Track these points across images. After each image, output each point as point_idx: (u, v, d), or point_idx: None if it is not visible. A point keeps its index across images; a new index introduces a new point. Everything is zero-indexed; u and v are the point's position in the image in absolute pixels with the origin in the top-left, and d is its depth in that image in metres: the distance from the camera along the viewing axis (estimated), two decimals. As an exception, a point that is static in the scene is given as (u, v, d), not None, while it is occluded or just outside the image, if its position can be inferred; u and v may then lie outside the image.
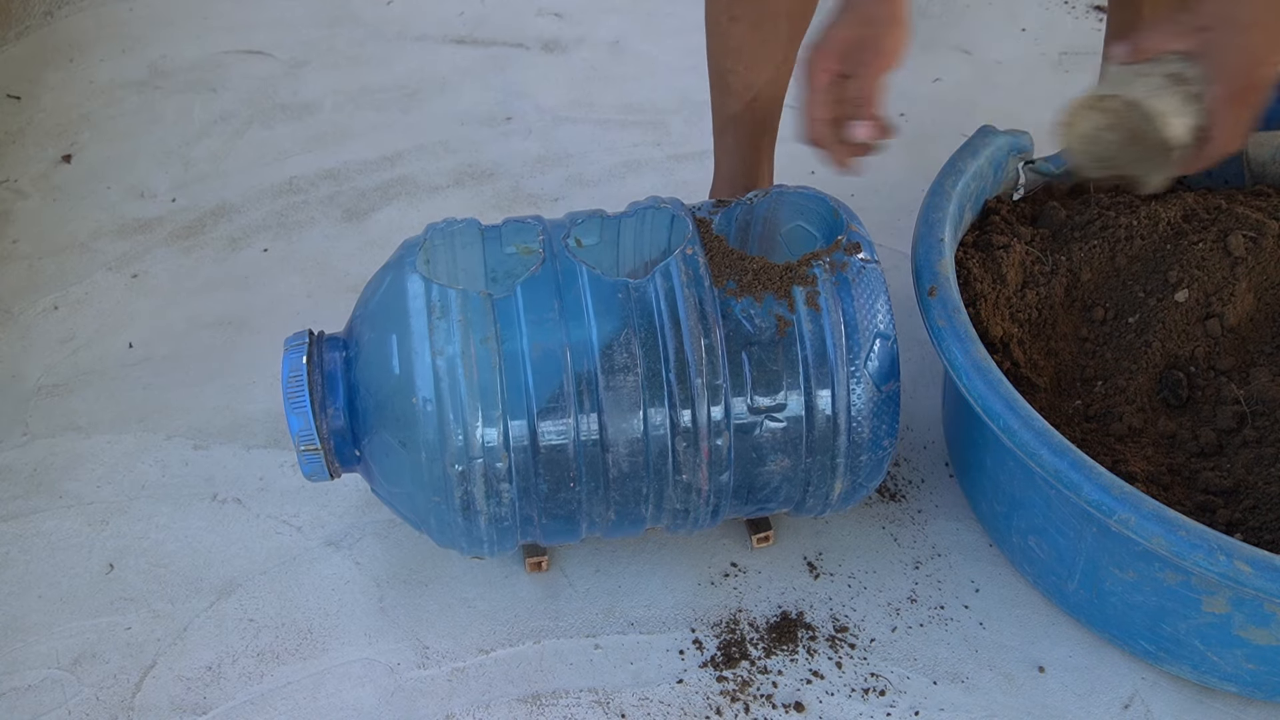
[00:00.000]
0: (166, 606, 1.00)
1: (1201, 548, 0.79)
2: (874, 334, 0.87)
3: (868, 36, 0.82)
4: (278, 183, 1.40)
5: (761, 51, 1.05)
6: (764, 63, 1.06)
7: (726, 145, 1.16)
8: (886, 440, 0.89)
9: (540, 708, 0.93)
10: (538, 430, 0.85)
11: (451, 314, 0.85)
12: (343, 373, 0.89)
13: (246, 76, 1.55)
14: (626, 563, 1.03)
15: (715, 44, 1.09)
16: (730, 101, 1.11)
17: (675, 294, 0.86)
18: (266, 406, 1.15)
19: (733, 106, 1.11)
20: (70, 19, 1.64)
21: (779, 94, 1.11)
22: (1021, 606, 0.99)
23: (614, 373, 0.85)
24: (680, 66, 1.54)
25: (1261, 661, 0.86)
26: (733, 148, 1.15)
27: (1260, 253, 1.00)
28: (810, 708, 0.93)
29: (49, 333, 1.23)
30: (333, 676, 0.96)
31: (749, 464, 0.88)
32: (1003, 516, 0.98)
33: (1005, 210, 1.08)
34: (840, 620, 0.99)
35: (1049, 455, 0.84)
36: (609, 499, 0.88)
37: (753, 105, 1.09)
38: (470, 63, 1.57)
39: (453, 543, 0.91)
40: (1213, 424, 0.96)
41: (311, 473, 0.90)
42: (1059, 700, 0.93)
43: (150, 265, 1.30)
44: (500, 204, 1.37)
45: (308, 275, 1.29)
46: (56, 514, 1.07)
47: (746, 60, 1.06)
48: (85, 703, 0.94)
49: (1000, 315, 1.00)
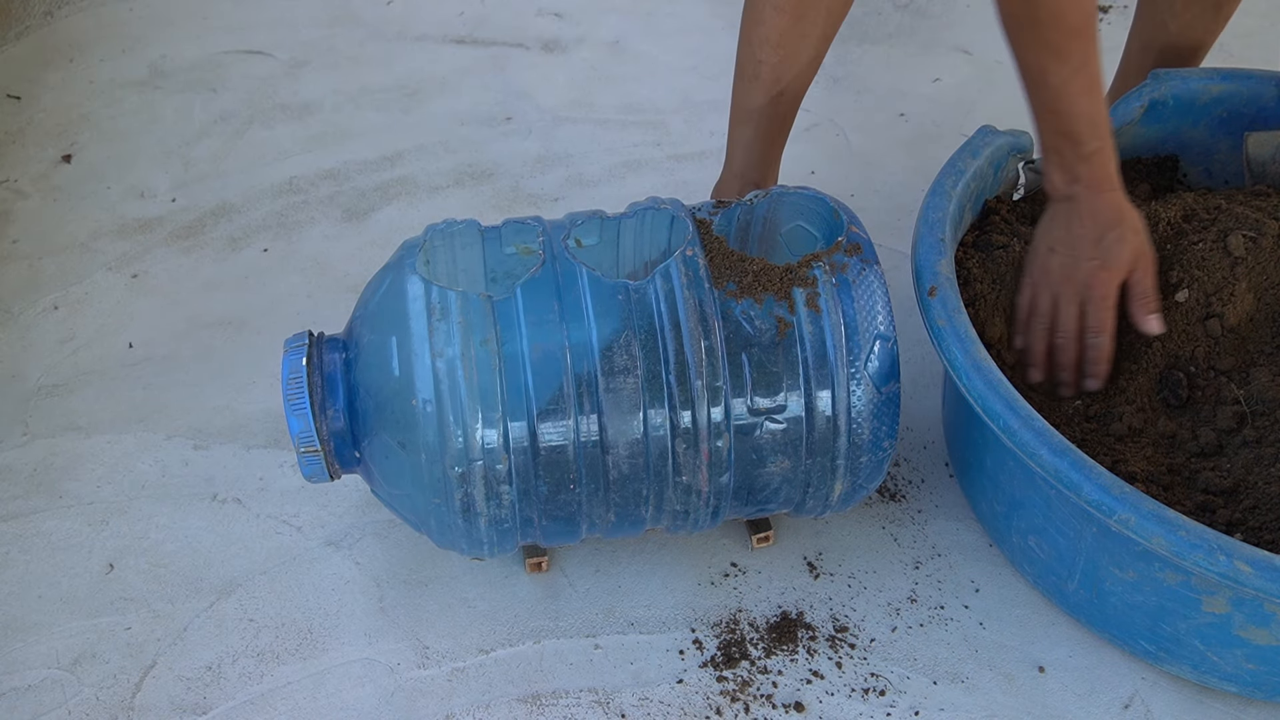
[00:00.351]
0: (166, 606, 1.00)
1: (1201, 548, 0.79)
2: (874, 335, 0.87)
3: (1146, 250, 0.97)
4: (278, 183, 1.40)
5: (799, 45, 1.06)
6: (798, 56, 1.06)
7: (744, 139, 1.15)
8: (886, 441, 0.89)
9: (540, 708, 0.93)
10: (538, 432, 0.85)
11: (451, 315, 0.85)
12: (342, 374, 0.89)
13: (246, 76, 1.55)
14: (626, 563, 1.03)
15: (753, 33, 1.08)
16: (756, 93, 1.10)
17: (675, 295, 0.86)
18: (266, 407, 1.15)
19: (758, 99, 1.10)
20: (70, 19, 1.64)
21: (802, 91, 1.11)
22: (1021, 606, 0.99)
23: (614, 374, 0.85)
24: (680, 66, 1.54)
25: (1261, 661, 0.86)
26: (751, 142, 1.14)
27: (1260, 253, 1.00)
28: (810, 708, 0.93)
29: (49, 333, 1.23)
30: (333, 676, 0.96)
31: (749, 465, 0.88)
32: (1003, 516, 0.98)
33: (1005, 210, 1.08)
34: (840, 620, 0.99)
35: (1049, 455, 0.84)
36: (609, 500, 0.88)
37: (778, 100, 1.09)
38: (470, 63, 1.57)
39: (453, 544, 0.91)
40: (1213, 424, 0.96)
41: (311, 474, 0.90)
42: (1059, 700, 0.93)
43: (150, 265, 1.30)
44: (500, 204, 1.37)
45: (308, 275, 1.29)
46: (56, 514, 1.07)
47: (784, 52, 1.06)
48: (85, 703, 0.94)
49: (1000, 315, 1.00)
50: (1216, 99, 1.14)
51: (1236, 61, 1.48)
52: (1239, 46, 1.54)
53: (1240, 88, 1.13)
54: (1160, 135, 1.15)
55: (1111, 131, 0.94)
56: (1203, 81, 1.13)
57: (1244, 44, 1.54)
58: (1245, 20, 1.59)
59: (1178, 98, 1.13)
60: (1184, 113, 1.14)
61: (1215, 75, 1.14)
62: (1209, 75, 1.14)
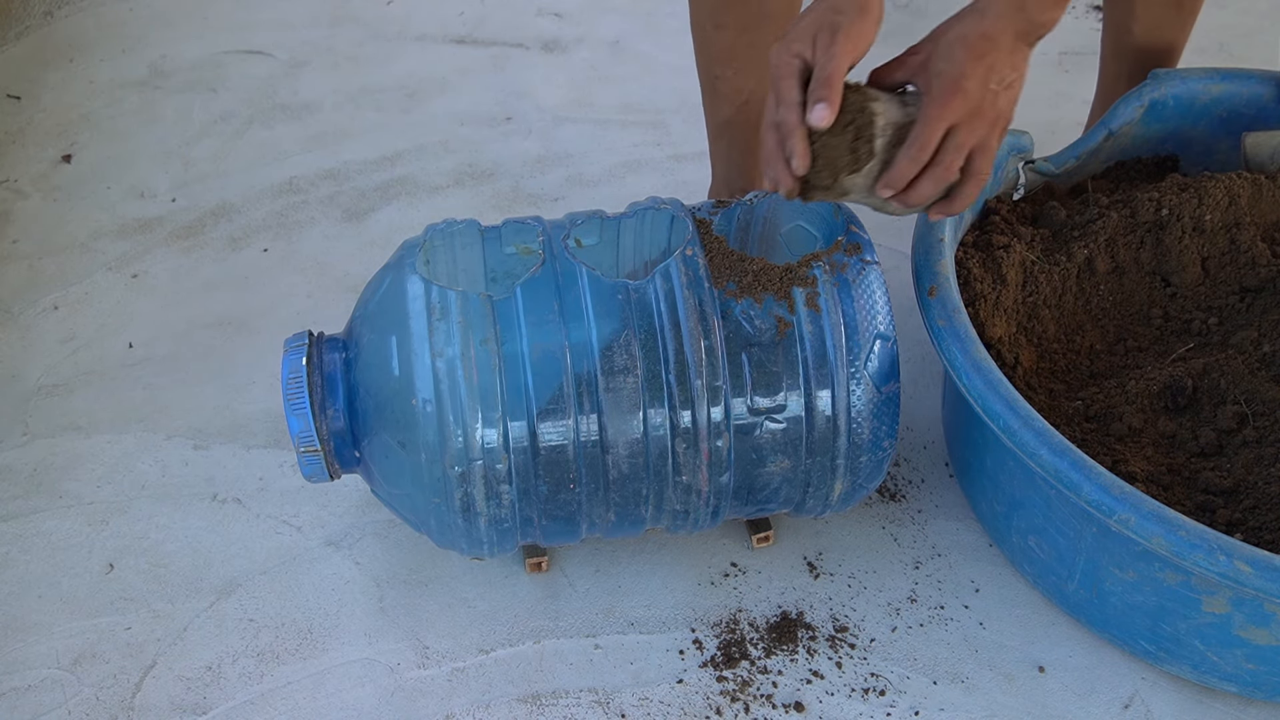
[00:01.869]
0: (166, 606, 1.00)
1: (1201, 548, 0.79)
2: (874, 335, 0.87)
3: (836, 22, 0.81)
4: (278, 183, 1.40)
5: (750, 55, 1.05)
6: (753, 67, 1.05)
7: (721, 151, 1.15)
8: (886, 441, 0.89)
9: (540, 708, 0.93)
10: (538, 432, 0.85)
11: (451, 315, 0.85)
12: (342, 374, 0.89)
13: (246, 76, 1.55)
14: (626, 563, 1.03)
15: (703, 51, 1.08)
16: (722, 107, 1.10)
17: (675, 295, 0.86)
18: (266, 407, 1.15)
19: (725, 112, 1.10)
20: (70, 19, 1.64)
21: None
22: (1021, 606, 0.99)
23: (614, 374, 0.85)
24: (680, 66, 1.54)
25: (1261, 661, 0.86)
26: (726, 153, 1.15)
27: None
28: (810, 708, 0.93)
29: (49, 333, 1.23)
30: (333, 676, 0.96)
31: (749, 465, 0.88)
32: (1003, 516, 0.98)
33: (1005, 210, 1.08)
34: (840, 620, 0.99)
35: (1049, 455, 0.84)
36: (609, 500, 0.88)
37: (745, 109, 1.09)
38: (470, 63, 1.57)
39: (453, 544, 0.91)
40: (1213, 424, 0.96)
41: (311, 474, 0.90)
42: (1059, 700, 0.93)
43: (150, 265, 1.30)
44: (500, 204, 1.37)
45: (308, 275, 1.29)
46: (56, 514, 1.07)
47: (736, 65, 1.06)
48: (85, 703, 0.94)
49: (1000, 315, 1.00)
50: (1216, 99, 1.14)
51: (1236, 61, 1.48)
52: (1239, 46, 1.54)
53: (1240, 88, 1.13)
54: (1160, 135, 1.15)
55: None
56: (1202, 81, 1.13)
57: (1244, 44, 1.54)
58: (1245, 20, 1.59)
59: (1177, 98, 1.13)
60: (1184, 113, 1.14)
61: (1215, 75, 1.14)
62: (1209, 75, 1.14)
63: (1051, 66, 1.54)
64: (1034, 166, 1.09)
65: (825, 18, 0.82)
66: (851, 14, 0.81)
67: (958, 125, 0.80)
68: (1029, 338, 1.01)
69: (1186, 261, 1.03)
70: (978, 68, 0.80)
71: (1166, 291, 1.04)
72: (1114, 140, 1.12)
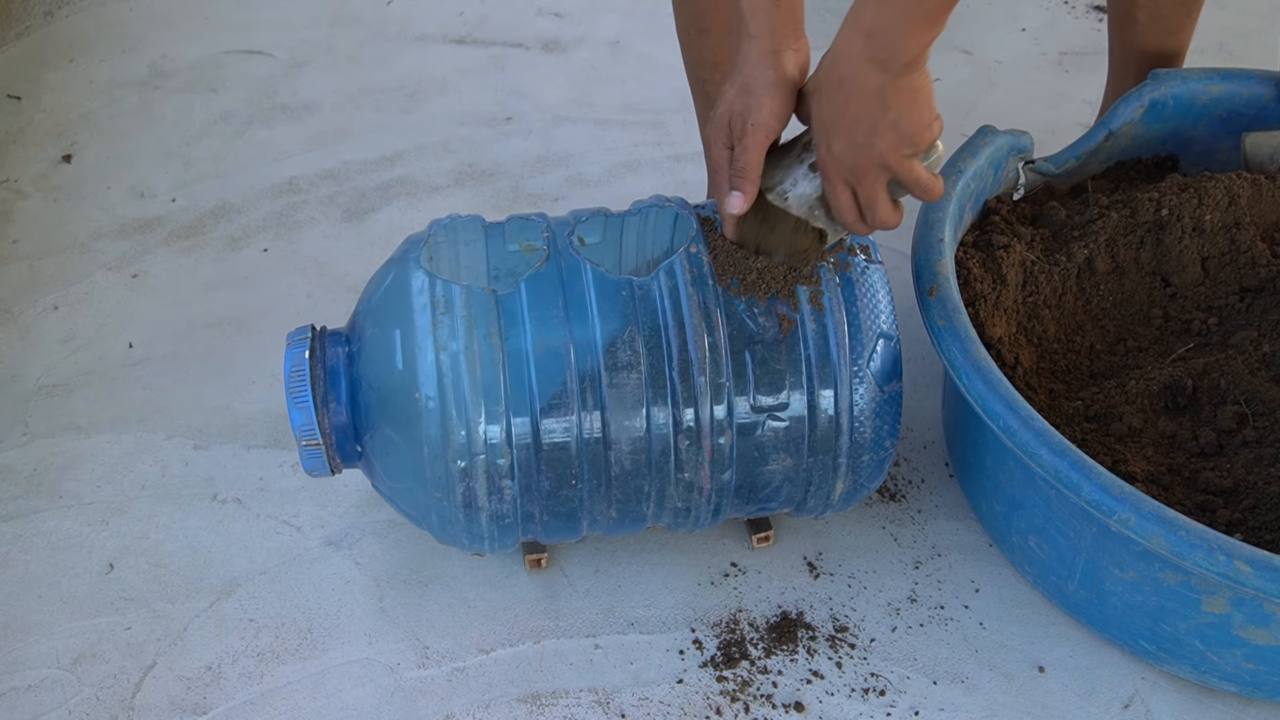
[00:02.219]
0: (166, 606, 1.00)
1: (1201, 548, 0.79)
2: (877, 334, 0.87)
3: (747, 108, 0.82)
4: (278, 183, 1.40)
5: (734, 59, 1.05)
6: None
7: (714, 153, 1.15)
8: (888, 440, 0.89)
9: (540, 708, 0.93)
10: (540, 427, 0.85)
11: (455, 310, 0.85)
12: (345, 368, 0.89)
13: (246, 76, 1.55)
14: (626, 562, 1.03)
15: (689, 56, 1.08)
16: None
17: (679, 292, 0.86)
18: (266, 406, 1.15)
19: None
20: (70, 19, 1.64)
21: None
22: (1021, 606, 0.99)
23: (617, 370, 0.85)
24: (680, 66, 1.53)
25: (1261, 661, 0.86)
26: None
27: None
28: (810, 708, 0.93)
29: (49, 333, 1.23)
30: (333, 676, 0.95)
31: (751, 463, 0.88)
32: (1003, 516, 0.98)
33: (1005, 210, 1.08)
34: (840, 620, 0.99)
35: (1049, 455, 0.84)
36: (611, 497, 0.88)
37: None
38: (470, 63, 1.57)
39: (454, 539, 0.91)
40: (1213, 424, 0.96)
41: (313, 468, 0.90)
42: (1059, 700, 0.93)
43: (150, 265, 1.30)
44: (500, 204, 1.37)
45: (308, 275, 1.29)
46: (56, 514, 1.07)
47: (722, 69, 1.06)
48: (85, 703, 0.94)
49: (1000, 315, 1.00)
50: (1216, 99, 1.14)
51: (1236, 61, 1.48)
52: (1239, 46, 1.54)
53: (1240, 88, 1.14)
54: (1160, 135, 1.15)
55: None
56: (1202, 81, 1.14)
57: (1244, 44, 1.54)
58: (1245, 20, 1.59)
59: (1178, 98, 1.13)
60: (1184, 113, 1.14)
61: (1215, 75, 1.14)
62: (1209, 75, 1.14)
63: (1051, 66, 1.54)
64: (1034, 166, 1.09)
65: (738, 103, 0.83)
66: (761, 93, 0.82)
67: (851, 185, 0.81)
68: (1029, 338, 1.01)
69: (1186, 261, 1.03)
70: (840, 125, 0.79)
71: (1166, 291, 1.04)
72: (1114, 140, 1.12)
